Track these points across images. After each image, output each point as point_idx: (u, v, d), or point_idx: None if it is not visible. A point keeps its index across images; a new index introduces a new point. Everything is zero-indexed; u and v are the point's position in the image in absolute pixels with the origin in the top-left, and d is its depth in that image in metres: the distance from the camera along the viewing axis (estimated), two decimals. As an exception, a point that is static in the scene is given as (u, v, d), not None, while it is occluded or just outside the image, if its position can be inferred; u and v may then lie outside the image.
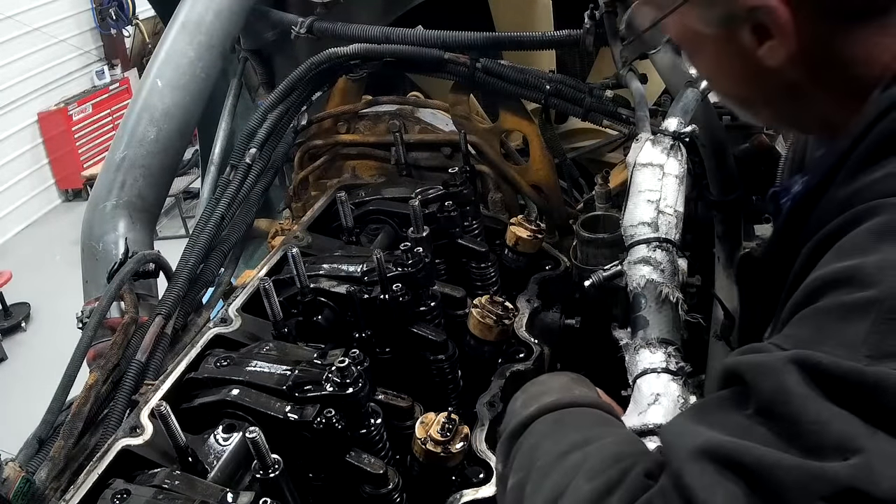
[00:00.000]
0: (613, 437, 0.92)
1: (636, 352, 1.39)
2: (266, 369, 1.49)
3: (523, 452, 0.99)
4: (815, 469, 0.67)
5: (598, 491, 0.79)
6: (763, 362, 0.77)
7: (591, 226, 1.95)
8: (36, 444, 1.63)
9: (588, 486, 0.81)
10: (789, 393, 0.72)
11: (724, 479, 0.70)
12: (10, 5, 9.82)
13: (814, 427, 0.70)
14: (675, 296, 1.43)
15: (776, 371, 0.75)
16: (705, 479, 0.71)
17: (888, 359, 0.72)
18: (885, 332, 0.74)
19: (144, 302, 1.96)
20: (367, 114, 2.50)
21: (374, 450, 1.45)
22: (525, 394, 1.11)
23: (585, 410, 1.03)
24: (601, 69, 2.89)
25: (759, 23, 0.97)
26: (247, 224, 2.24)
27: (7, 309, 8.39)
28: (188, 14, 2.45)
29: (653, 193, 1.61)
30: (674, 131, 1.73)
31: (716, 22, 1.02)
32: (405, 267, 1.71)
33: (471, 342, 1.79)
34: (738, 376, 0.79)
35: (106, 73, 11.90)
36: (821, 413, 0.70)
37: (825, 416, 0.70)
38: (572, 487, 0.83)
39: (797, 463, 0.68)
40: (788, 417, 0.72)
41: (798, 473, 0.68)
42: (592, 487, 0.80)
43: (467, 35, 2.31)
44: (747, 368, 0.78)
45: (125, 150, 2.25)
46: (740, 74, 1.07)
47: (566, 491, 0.83)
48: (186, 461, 1.33)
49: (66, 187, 11.41)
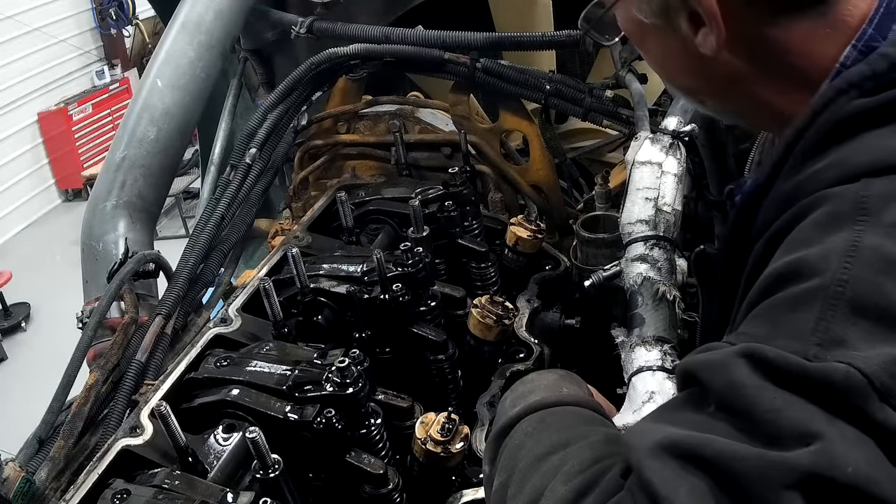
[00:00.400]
0: (595, 437, 0.91)
1: (632, 349, 1.39)
2: (266, 369, 1.49)
3: (507, 454, 0.99)
4: (775, 458, 0.67)
5: (575, 491, 0.79)
6: (713, 359, 0.77)
7: (591, 226, 1.95)
8: (36, 444, 1.63)
9: (564, 488, 0.81)
10: (741, 385, 0.72)
11: (685, 472, 0.70)
12: (10, 5, 9.81)
13: (769, 416, 0.70)
14: (672, 294, 1.43)
15: (726, 366, 0.75)
16: (666, 473, 0.70)
17: (837, 346, 0.72)
18: (831, 318, 0.74)
19: (144, 302, 1.96)
20: (367, 114, 2.50)
21: (374, 450, 1.45)
22: (513, 393, 1.11)
23: (570, 409, 1.03)
24: (601, 69, 2.89)
25: (692, 10, 0.98)
26: (247, 224, 2.24)
27: (7, 309, 8.39)
28: (188, 14, 2.45)
29: (651, 191, 1.62)
30: (673, 130, 1.74)
31: (655, 12, 1.03)
32: (405, 267, 1.71)
33: (471, 342, 1.79)
34: (692, 376, 0.79)
35: (106, 73, 11.89)
36: (775, 401, 0.70)
37: (779, 403, 0.70)
38: (549, 490, 0.83)
39: (757, 453, 0.68)
40: (744, 409, 0.72)
41: (758, 463, 0.67)
42: (569, 489, 0.80)
43: (467, 35, 2.31)
44: (699, 367, 0.78)
45: (125, 150, 2.25)
46: (684, 64, 1.08)
47: (544, 493, 0.83)
48: (186, 461, 1.33)
49: (66, 187, 11.40)
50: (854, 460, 0.66)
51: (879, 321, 0.73)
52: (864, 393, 0.69)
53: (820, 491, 0.66)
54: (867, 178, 0.82)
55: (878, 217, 0.79)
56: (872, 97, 0.87)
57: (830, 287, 0.75)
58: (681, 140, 1.74)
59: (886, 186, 0.81)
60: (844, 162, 0.86)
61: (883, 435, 0.68)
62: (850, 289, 0.75)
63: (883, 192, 0.80)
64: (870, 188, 0.81)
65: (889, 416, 0.69)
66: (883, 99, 0.87)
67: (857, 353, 0.71)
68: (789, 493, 0.66)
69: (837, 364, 0.70)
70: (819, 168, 0.88)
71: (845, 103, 0.89)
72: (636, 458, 0.74)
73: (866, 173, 0.83)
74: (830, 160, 0.88)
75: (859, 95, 0.88)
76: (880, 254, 0.76)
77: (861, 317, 0.73)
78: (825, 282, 0.76)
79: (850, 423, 0.68)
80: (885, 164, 0.82)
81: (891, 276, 0.74)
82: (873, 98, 0.87)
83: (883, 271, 0.75)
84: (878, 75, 0.88)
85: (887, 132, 0.85)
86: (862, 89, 0.88)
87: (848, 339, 0.72)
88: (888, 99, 0.86)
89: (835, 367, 0.70)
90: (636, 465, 0.73)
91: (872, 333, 0.72)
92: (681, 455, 0.71)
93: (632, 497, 0.72)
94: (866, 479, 0.66)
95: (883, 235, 0.77)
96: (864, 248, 0.76)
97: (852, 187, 0.82)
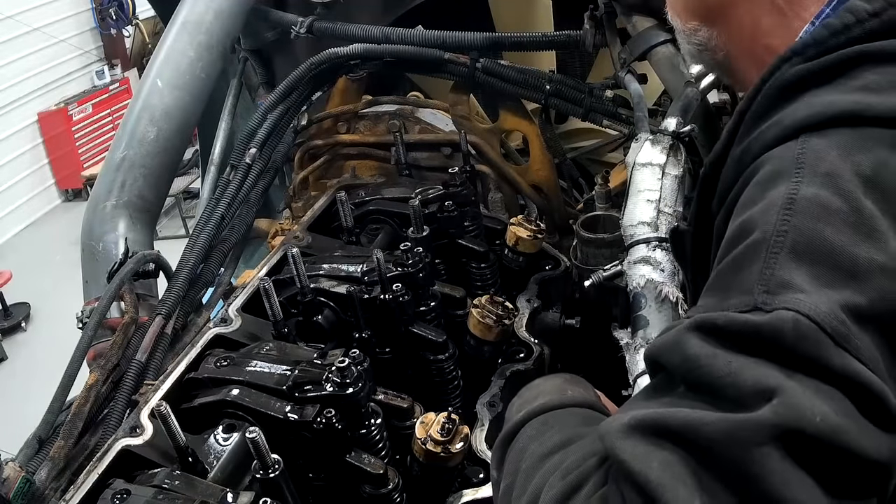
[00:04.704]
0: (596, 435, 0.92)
1: (636, 351, 1.39)
2: (266, 369, 1.49)
3: (511, 457, 0.99)
4: (739, 419, 0.67)
5: (570, 485, 0.80)
6: (667, 340, 0.78)
7: (591, 226, 1.95)
8: (36, 444, 1.63)
9: (561, 483, 0.81)
10: (695, 358, 0.73)
11: (655, 447, 0.70)
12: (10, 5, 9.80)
13: (728, 380, 0.70)
14: (675, 295, 1.43)
15: (678, 343, 0.75)
16: (637, 451, 0.70)
17: (784, 288, 0.72)
18: (773, 265, 0.74)
19: (144, 302, 1.96)
20: (367, 114, 2.50)
21: (374, 450, 1.45)
22: (520, 399, 1.12)
23: (574, 411, 1.04)
24: (601, 69, 2.89)
25: None
26: (247, 224, 2.24)
27: (7, 309, 8.37)
28: (188, 14, 2.45)
29: (652, 193, 1.61)
30: (673, 131, 1.73)
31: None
32: (405, 267, 1.71)
33: (471, 342, 1.79)
34: (655, 361, 0.80)
35: (106, 73, 11.88)
36: (730, 365, 0.70)
37: (735, 366, 0.70)
38: (548, 485, 0.83)
39: (721, 417, 0.68)
40: (703, 381, 0.72)
41: (724, 426, 0.67)
42: (565, 483, 0.81)
43: (467, 35, 2.31)
44: (657, 351, 0.79)
45: (125, 150, 2.26)
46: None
47: (543, 490, 0.84)
48: (186, 461, 1.34)
49: (66, 187, 11.39)
50: (821, 410, 0.66)
51: (821, 264, 0.74)
52: (816, 339, 0.69)
53: (794, 445, 0.65)
54: (805, 133, 0.84)
55: (813, 168, 0.80)
56: (813, 62, 0.89)
57: (771, 238, 0.76)
58: (681, 140, 1.74)
59: (821, 139, 0.82)
60: (783, 120, 0.87)
61: (847, 383, 0.68)
62: (791, 237, 0.75)
63: (818, 145, 0.82)
64: (807, 143, 0.83)
65: (848, 363, 0.68)
66: (822, 62, 0.88)
67: (803, 298, 0.71)
68: (762, 450, 0.65)
69: (784, 313, 0.70)
70: (763, 129, 0.90)
71: (788, 69, 0.91)
72: (609, 443, 0.74)
73: (803, 128, 0.84)
74: (773, 120, 0.89)
75: (802, 62, 0.90)
76: (817, 202, 0.77)
77: (803, 261, 0.74)
78: (765, 234, 0.77)
79: (808, 374, 0.68)
80: (820, 118, 0.84)
81: (828, 222, 0.75)
82: (814, 62, 0.89)
83: (820, 218, 0.76)
84: (818, 42, 0.90)
85: (824, 91, 0.87)
86: (804, 56, 0.90)
87: (794, 282, 0.73)
88: (827, 62, 0.88)
89: (782, 317, 0.70)
90: (609, 450, 0.74)
91: (816, 277, 0.73)
92: (648, 431, 0.71)
93: (615, 483, 0.73)
94: (837, 429, 0.66)
95: (819, 185, 0.78)
96: (800, 199, 0.77)
97: (791, 144, 0.84)
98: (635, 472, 0.69)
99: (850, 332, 0.70)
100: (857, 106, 0.83)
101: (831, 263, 0.74)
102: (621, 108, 2.18)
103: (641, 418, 0.73)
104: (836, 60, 0.88)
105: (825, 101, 0.85)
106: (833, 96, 0.85)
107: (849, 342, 0.69)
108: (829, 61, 0.88)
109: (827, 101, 0.85)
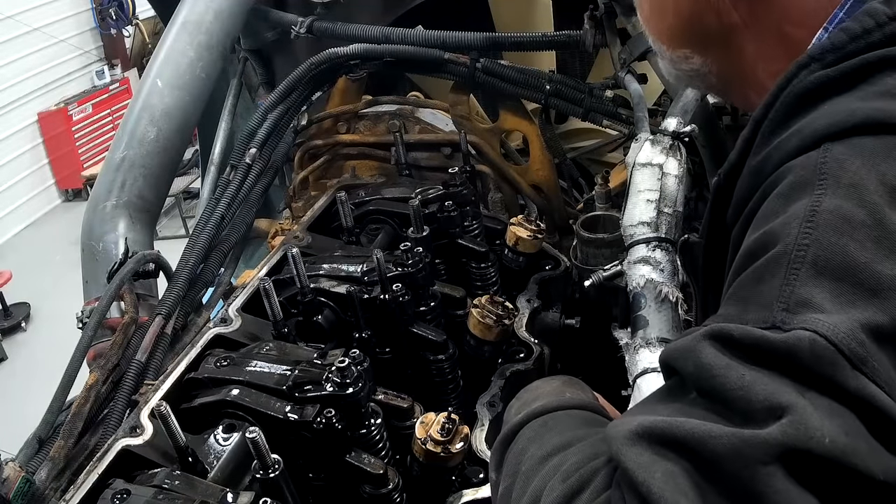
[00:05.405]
0: (595, 437, 0.91)
1: (636, 351, 1.39)
2: (266, 369, 1.49)
3: (510, 459, 0.99)
4: (748, 435, 0.66)
5: (571, 488, 0.79)
6: (682, 346, 0.77)
7: (591, 226, 1.95)
8: (36, 444, 1.63)
9: (562, 486, 0.81)
10: (709, 367, 0.72)
11: (660, 457, 0.69)
12: (10, 5, 9.80)
13: (739, 393, 0.69)
14: (675, 295, 1.43)
15: (693, 350, 0.74)
16: (642, 459, 0.70)
17: (803, 307, 0.71)
18: (794, 281, 0.73)
19: (144, 302, 1.96)
20: (367, 114, 2.50)
21: (374, 450, 1.45)
22: (518, 401, 1.12)
23: (572, 413, 1.03)
24: (601, 69, 2.89)
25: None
26: (247, 224, 2.24)
27: (7, 309, 8.38)
28: (188, 14, 2.45)
29: (652, 193, 1.62)
30: (673, 131, 1.74)
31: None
32: (405, 267, 1.71)
33: (471, 342, 1.79)
34: (669, 366, 0.79)
35: (106, 73, 11.89)
36: (743, 378, 0.69)
37: (748, 380, 0.69)
38: (548, 489, 0.83)
39: (730, 431, 0.67)
40: (715, 391, 0.71)
41: (731, 441, 0.66)
42: (566, 486, 0.80)
43: (467, 35, 2.31)
44: (672, 356, 0.78)
45: (125, 150, 2.25)
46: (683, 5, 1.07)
47: (543, 493, 0.83)
48: (186, 461, 1.33)
49: (66, 187, 11.40)
50: (830, 431, 0.65)
51: (843, 280, 0.72)
52: (832, 361, 0.68)
53: (800, 465, 0.65)
54: (827, 142, 0.82)
55: (836, 179, 0.78)
56: (832, 68, 0.87)
57: (792, 252, 0.75)
58: (681, 141, 1.74)
59: (844, 148, 0.80)
60: (804, 129, 0.86)
61: (860, 405, 0.67)
62: (812, 251, 0.74)
63: (841, 154, 0.80)
64: (829, 153, 0.81)
65: (863, 385, 0.67)
66: (842, 68, 0.86)
67: (823, 318, 0.70)
68: (768, 469, 0.64)
69: (802, 332, 0.69)
70: (783, 138, 0.88)
71: (806, 76, 0.89)
72: (615, 448, 0.74)
73: (825, 137, 0.82)
74: (792, 130, 0.88)
75: (821, 68, 0.88)
76: (839, 215, 0.75)
77: (825, 277, 0.73)
78: (787, 248, 0.76)
79: (822, 393, 0.67)
80: (843, 126, 0.82)
81: (851, 236, 0.74)
82: (833, 69, 0.87)
83: (843, 232, 0.74)
84: (837, 48, 0.88)
85: (845, 98, 0.85)
86: (823, 62, 0.88)
87: (813, 300, 0.72)
88: (847, 68, 0.86)
89: (799, 336, 0.69)
90: (615, 455, 0.73)
91: (837, 294, 0.72)
92: (655, 440, 0.71)
93: (619, 489, 0.72)
94: (846, 450, 0.65)
95: (842, 197, 0.76)
96: (823, 212, 0.76)
97: (813, 154, 0.82)
98: (638, 482, 0.68)
99: (867, 353, 0.69)
100: (880, 113, 0.81)
101: (853, 280, 0.72)
102: (621, 108, 2.18)
103: (649, 426, 0.72)
104: (856, 66, 0.86)
105: (847, 108, 0.83)
106: (855, 103, 0.83)
107: (866, 364, 0.68)
108: (850, 67, 0.86)
109: (849, 109, 0.83)
